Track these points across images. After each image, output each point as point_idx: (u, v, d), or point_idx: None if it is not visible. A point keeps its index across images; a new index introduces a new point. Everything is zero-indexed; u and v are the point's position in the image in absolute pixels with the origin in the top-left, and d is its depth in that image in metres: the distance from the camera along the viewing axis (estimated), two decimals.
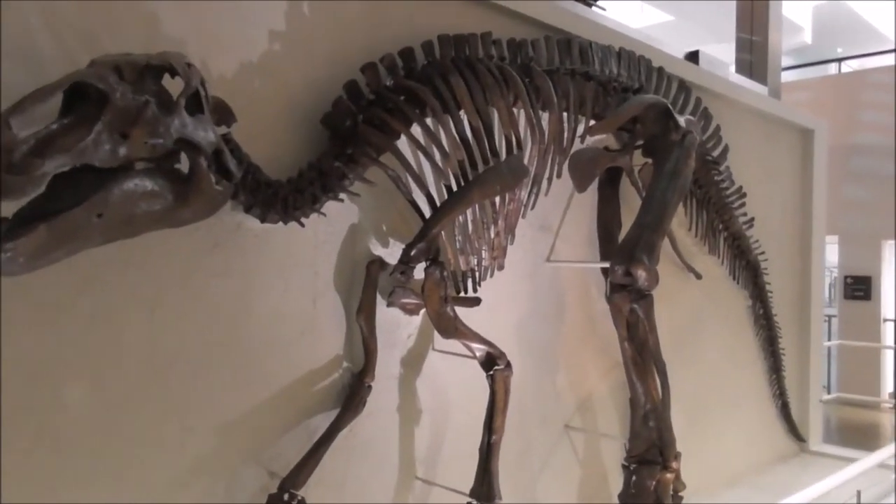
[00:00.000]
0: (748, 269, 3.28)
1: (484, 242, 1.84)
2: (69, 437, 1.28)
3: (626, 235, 2.14)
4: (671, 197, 2.15)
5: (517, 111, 1.90)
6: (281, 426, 1.61)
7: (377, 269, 1.72)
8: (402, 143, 1.68)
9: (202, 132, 1.15)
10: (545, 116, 1.99)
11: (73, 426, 1.29)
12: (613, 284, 2.12)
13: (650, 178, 2.28)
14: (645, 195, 2.21)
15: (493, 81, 1.79)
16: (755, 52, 3.89)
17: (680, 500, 2.21)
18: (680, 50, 3.34)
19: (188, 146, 1.13)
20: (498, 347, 1.75)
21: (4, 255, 0.86)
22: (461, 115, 1.73)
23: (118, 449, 1.35)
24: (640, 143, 2.38)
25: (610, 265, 2.04)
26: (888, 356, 6.99)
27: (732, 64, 3.97)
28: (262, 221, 1.47)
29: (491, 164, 1.77)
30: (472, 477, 1.74)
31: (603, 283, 2.46)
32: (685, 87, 2.70)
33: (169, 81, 1.16)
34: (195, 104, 1.18)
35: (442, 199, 1.72)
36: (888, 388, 6.97)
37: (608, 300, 2.12)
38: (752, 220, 3.17)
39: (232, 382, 1.52)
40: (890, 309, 7.19)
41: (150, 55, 1.12)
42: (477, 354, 1.76)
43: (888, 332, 7.04)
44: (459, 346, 1.78)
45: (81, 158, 0.96)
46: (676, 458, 2.18)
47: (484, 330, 1.79)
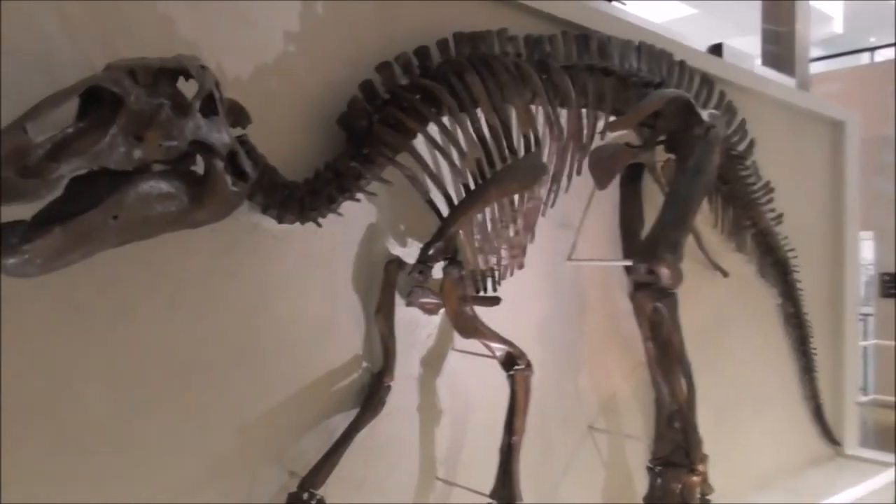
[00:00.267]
0: (777, 266, 3.21)
1: (503, 241, 1.83)
2: (90, 436, 1.30)
3: (648, 233, 2.11)
4: (695, 193, 2.11)
5: (535, 108, 1.89)
6: (300, 426, 1.61)
7: (395, 268, 1.72)
8: (418, 142, 1.67)
9: (216, 134, 1.16)
10: (563, 113, 1.97)
11: (94, 426, 1.30)
12: (636, 283, 2.09)
13: (673, 174, 2.25)
14: (668, 191, 2.18)
15: (509, 78, 1.78)
16: (782, 43, 3.82)
17: (707, 503, 2.17)
18: (705, 43, 3.29)
19: (203, 148, 1.14)
20: (518, 347, 1.74)
21: (21, 257, 0.87)
22: (478, 113, 1.72)
23: (139, 449, 1.36)
24: (662, 138, 2.35)
25: (632, 263, 2.01)
26: None
27: (759, 57, 3.90)
28: (278, 222, 1.48)
29: (509, 162, 1.76)
30: (493, 477, 1.72)
31: (626, 281, 2.43)
32: (708, 80, 2.65)
33: (185, 84, 1.17)
34: (210, 106, 1.19)
35: (459, 198, 1.71)
36: None
37: (631, 299, 2.09)
38: (780, 215, 3.10)
39: (251, 383, 1.53)
40: None
41: (164, 59, 1.13)
42: (497, 354, 1.74)
43: None
44: (480, 345, 1.77)
45: (96, 161, 0.97)
46: (703, 460, 2.14)
47: (504, 329, 1.77)
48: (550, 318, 2.26)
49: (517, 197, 1.82)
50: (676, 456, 2.08)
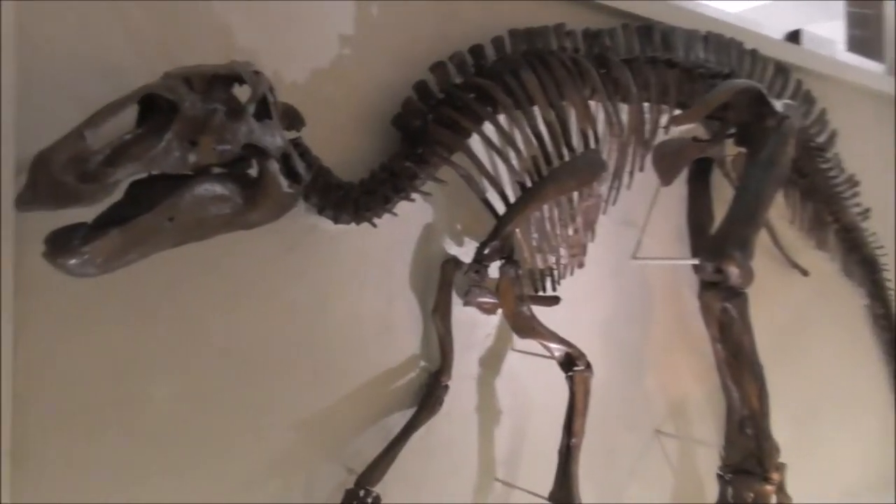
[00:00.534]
0: (864, 264, 3.03)
1: (562, 240, 1.80)
2: (157, 430, 1.36)
3: (716, 229, 2.03)
4: (766, 188, 2.02)
5: (594, 104, 1.85)
6: (358, 424, 1.63)
7: (452, 268, 1.72)
8: (474, 141, 1.67)
9: (269, 137, 1.19)
10: (624, 108, 1.92)
11: (160, 420, 1.36)
12: (703, 282, 2.02)
13: (744, 167, 2.16)
14: (738, 186, 2.09)
15: (566, 74, 1.75)
16: (869, 26, 3.61)
17: None
18: (785, 31, 3.14)
19: (256, 151, 1.17)
20: (577, 348, 1.71)
21: (81, 257, 0.92)
22: (534, 110, 1.70)
23: (202, 443, 1.41)
24: (731, 131, 2.26)
25: (699, 261, 1.94)
26: None
27: (843, 42, 3.69)
28: (334, 223, 1.51)
29: (567, 159, 1.73)
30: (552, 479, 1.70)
31: (695, 280, 2.35)
32: (783, 69, 2.54)
33: (241, 90, 1.21)
34: (264, 111, 1.22)
35: (516, 196, 1.69)
36: None
37: (698, 298, 2.02)
38: (867, 210, 2.93)
39: (310, 381, 1.56)
40: None
41: (218, 65, 1.16)
42: (555, 355, 1.72)
43: None
44: (539, 346, 1.75)
45: (152, 166, 1.02)
46: (779, 469, 2.05)
47: (566, 330, 1.74)
48: (614, 318, 2.21)
49: (576, 195, 1.79)
50: (748, 464, 1.99)
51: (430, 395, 1.69)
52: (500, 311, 1.74)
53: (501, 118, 1.68)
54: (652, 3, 2.21)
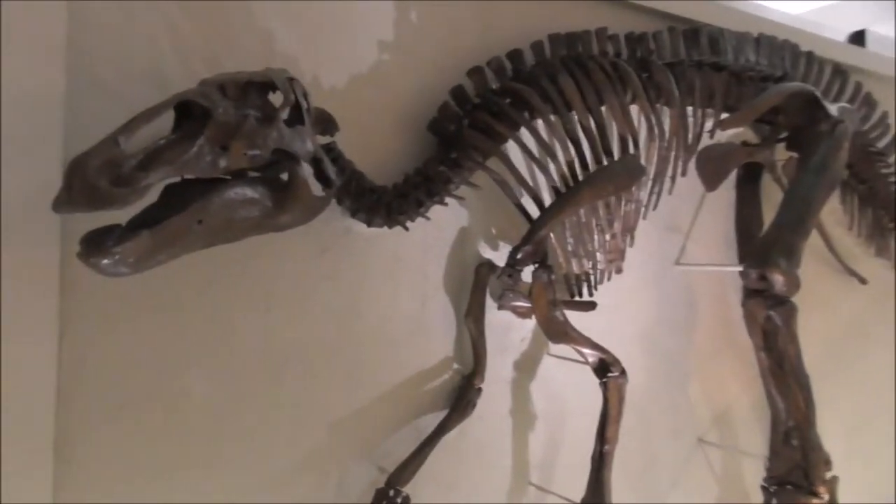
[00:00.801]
0: None
1: (599, 245, 1.79)
2: (192, 426, 1.40)
3: (762, 236, 1.98)
4: (817, 193, 1.95)
5: (637, 108, 1.83)
6: (391, 425, 1.66)
7: (486, 272, 1.73)
8: (510, 145, 1.67)
9: (300, 142, 1.22)
10: (667, 112, 1.89)
11: (195, 416, 1.41)
12: (748, 290, 1.97)
13: (794, 173, 2.09)
14: (786, 191, 2.03)
15: (605, 79, 1.73)
16: None
17: None
18: (848, 31, 3.03)
19: (286, 156, 1.20)
20: (612, 353, 1.69)
21: (112, 258, 0.96)
22: (571, 115, 1.69)
23: (237, 440, 1.46)
24: (783, 135, 2.20)
25: (743, 268, 1.89)
26: None
27: None
28: (367, 226, 1.53)
29: (604, 163, 1.72)
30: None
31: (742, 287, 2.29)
32: (841, 71, 2.45)
33: (280, 96, 1.24)
34: (297, 116, 1.25)
35: (551, 201, 1.68)
36: None
37: (742, 306, 1.97)
38: None
39: (343, 381, 1.59)
40: None
41: (252, 72, 1.20)
42: (589, 360, 1.70)
43: None
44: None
45: (183, 170, 1.06)
46: (828, 482, 1.98)
47: (605, 336, 1.73)
48: (657, 324, 2.18)
49: (614, 199, 1.77)
50: (794, 476, 1.92)
51: (462, 397, 1.70)
52: (534, 315, 1.74)
53: (538, 123, 1.68)
54: (708, 4, 2.17)
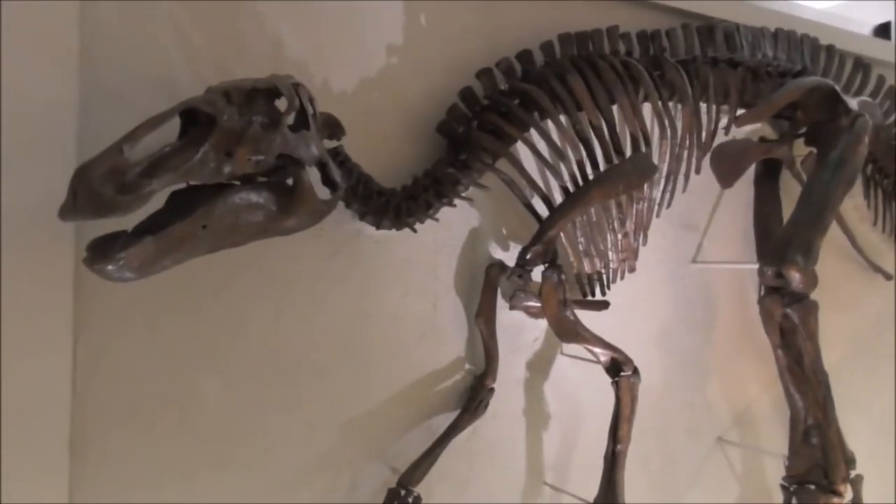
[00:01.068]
0: None
1: (611, 244, 1.78)
2: (205, 426, 1.43)
3: (779, 233, 1.95)
4: (835, 189, 1.92)
5: (650, 107, 1.82)
6: (403, 425, 1.67)
7: (497, 272, 1.73)
8: (520, 146, 1.67)
9: (304, 147, 1.24)
10: (681, 109, 1.88)
11: (209, 417, 1.44)
12: (765, 287, 1.94)
13: (813, 168, 2.06)
14: (804, 187, 2.00)
15: (615, 78, 1.72)
16: None
17: None
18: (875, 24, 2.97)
19: (291, 161, 1.22)
20: (624, 353, 1.68)
21: (117, 263, 0.99)
22: (581, 114, 1.68)
23: (250, 441, 1.48)
24: (802, 131, 2.16)
25: (759, 266, 1.87)
26: None
27: None
28: (376, 228, 1.55)
29: (615, 162, 1.71)
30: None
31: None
32: (863, 64, 2.40)
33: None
34: (302, 121, 1.27)
35: (560, 201, 1.68)
36: None
37: (758, 303, 1.94)
38: None
39: (355, 382, 1.61)
40: None
41: (257, 79, 1.22)
42: (601, 360, 1.70)
43: None
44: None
45: (188, 177, 1.08)
46: (852, 481, 1.95)
47: (622, 335, 1.73)
48: (674, 323, 2.16)
49: (625, 198, 1.76)
50: (814, 475, 1.89)
51: (473, 398, 1.71)
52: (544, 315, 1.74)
53: (547, 124, 1.68)
54: (729, 3, 2.14)
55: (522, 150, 1.68)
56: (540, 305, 1.70)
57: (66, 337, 1.26)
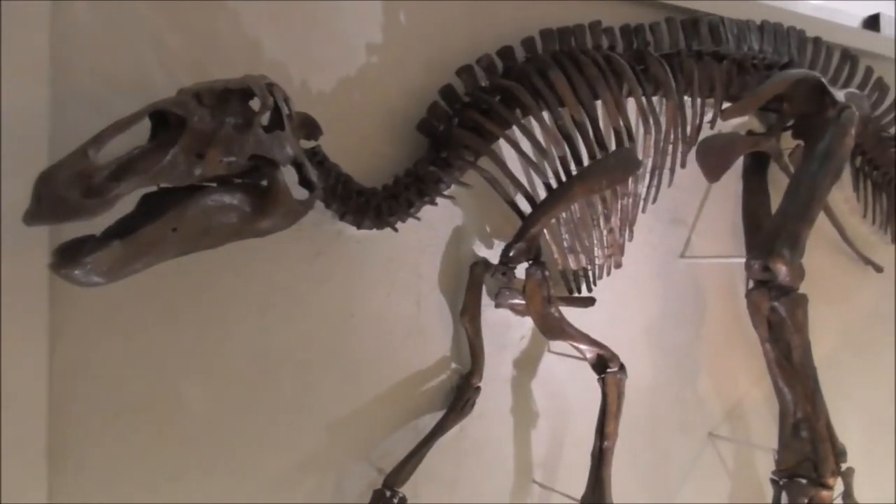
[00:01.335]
0: None
1: (596, 240, 1.77)
2: (188, 430, 1.43)
3: (766, 226, 1.94)
4: (822, 181, 1.91)
5: (633, 101, 1.80)
6: (389, 425, 1.66)
7: (481, 270, 1.72)
8: (502, 142, 1.66)
9: (278, 147, 1.22)
10: (665, 103, 1.86)
11: (191, 420, 1.43)
12: (753, 281, 1.93)
13: (800, 161, 2.05)
14: (791, 180, 1.99)
15: (597, 73, 1.71)
16: None
17: None
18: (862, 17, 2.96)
19: (265, 161, 1.21)
20: (610, 349, 1.67)
21: (83, 268, 0.98)
22: (563, 110, 1.67)
23: (234, 444, 1.47)
24: (789, 123, 2.15)
25: (746, 259, 1.86)
26: None
27: None
28: (357, 228, 1.53)
29: (598, 158, 1.70)
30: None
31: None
32: (850, 56, 2.39)
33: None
34: (277, 122, 1.26)
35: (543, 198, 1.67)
36: None
37: (746, 297, 1.93)
38: None
39: (340, 383, 1.60)
40: None
41: (229, 80, 1.20)
42: (587, 357, 1.69)
43: None
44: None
45: (157, 179, 1.07)
46: (843, 474, 1.94)
47: (610, 331, 1.72)
48: (663, 318, 2.15)
49: (609, 194, 1.75)
50: (803, 468, 1.88)
51: (460, 397, 1.70)
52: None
53: (530, 120, 1.67)
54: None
55: (505, 147, 1.67)
56: (525, 303, 1.69)
57: (41, 343, 1.25)
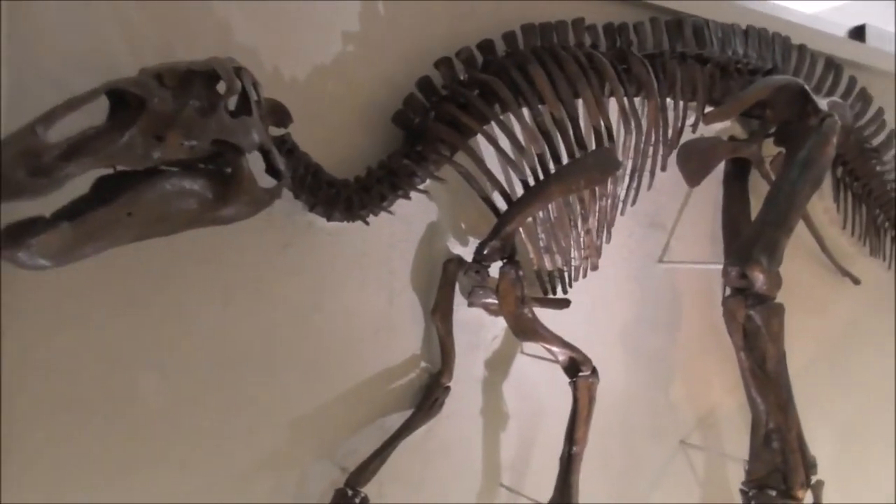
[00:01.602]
0: None
1: (573, 241, 1.74)
2: (144, 425, 1.37)
3: (745, 233, 1.93)
4: (801, 189, 1.90)
5: (615, 101, 1.78)
6: (354, 423, 1.62)
7: (455, 268, 1.69)
8: (479, 138, 1.63)
9: (244, 133, 1.18)
10: (646, 105, 1.84)
11: (148, 415, 1.37)
12: (730, 288, 1.91)
13: (781, 168, 2.04)
14: (771, 187, 1.98)
15: (578, 70, 1.68)
16: None
17: None
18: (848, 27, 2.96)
19: (228, 147, 1.16)
20: (583, 352, 1.64)
21: (28, 250, 0.93)
22: (543, 107, 1.64)
23: (192, 439, 1.42)
24: (771, 130, 2.14)
25: (723, 266, 1.84)
26: None
27: None
28: (327, 220, 1.49)
29: (577, 157, 1.67)
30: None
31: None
32: (834, 65, 2.38)
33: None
34: (244, 107, 1.21)
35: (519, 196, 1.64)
36: None
37: (722, 304, 1.91)
38: None
39: (304, 378, 1.55)
40: None
41: (193, 62, 1.16)
42: (559, 359, 1.66)
43: None
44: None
45: (111, 161, 1.02)
46: (812, 486, 1.92)
47: (585, 335, 1.69)
48: (639, 323, 2.13)
49: (588, 194, 1.72)
50: (773, 479, 1.86)
51: (428, 396, 1.67)
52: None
53: (508, 115, 1.63)
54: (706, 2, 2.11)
55: (482, 142, 1.64)
56: (498, 302, 1.66)
57: None
